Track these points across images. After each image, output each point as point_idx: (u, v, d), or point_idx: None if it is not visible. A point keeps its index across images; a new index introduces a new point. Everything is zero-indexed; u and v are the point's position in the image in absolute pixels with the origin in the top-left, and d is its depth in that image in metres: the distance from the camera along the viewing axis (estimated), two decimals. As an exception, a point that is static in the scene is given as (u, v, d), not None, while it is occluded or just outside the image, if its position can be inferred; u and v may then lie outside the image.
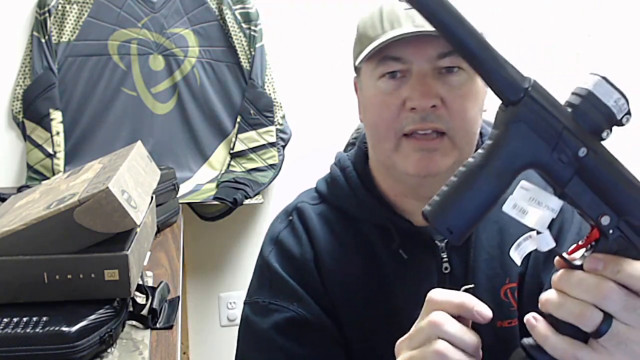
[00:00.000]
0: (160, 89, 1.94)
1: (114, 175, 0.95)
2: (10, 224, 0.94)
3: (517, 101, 0.51)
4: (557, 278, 0.53)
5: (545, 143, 0.51)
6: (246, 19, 1.92)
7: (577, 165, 0.51)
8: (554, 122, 0.51)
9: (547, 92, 0.52)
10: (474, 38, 0.49)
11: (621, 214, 0.51)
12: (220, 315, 2.20)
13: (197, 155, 1.99)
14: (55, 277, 0.93)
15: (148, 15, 1.88)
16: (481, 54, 0.50)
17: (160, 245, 1.45)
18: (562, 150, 0.50)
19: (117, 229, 0.93)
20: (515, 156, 0.51)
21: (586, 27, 2.26)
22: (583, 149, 0.50)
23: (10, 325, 0.87)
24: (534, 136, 0.50)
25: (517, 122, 0.51)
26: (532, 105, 0.50)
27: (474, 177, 0.51)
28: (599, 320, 0.50)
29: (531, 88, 0.51)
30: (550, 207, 0.51)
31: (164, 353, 0.99)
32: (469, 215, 0.52)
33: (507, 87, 0.51)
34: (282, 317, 0.84)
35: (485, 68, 0.50)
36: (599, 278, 0.50)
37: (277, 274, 0.86)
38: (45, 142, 1.82)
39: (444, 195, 0.52)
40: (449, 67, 0.77)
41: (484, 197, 0.51)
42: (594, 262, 0.51)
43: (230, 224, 2.06)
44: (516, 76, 0.51)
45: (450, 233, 0.52)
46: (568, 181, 0.51)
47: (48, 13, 1.78)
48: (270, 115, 1.97)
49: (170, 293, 1.16)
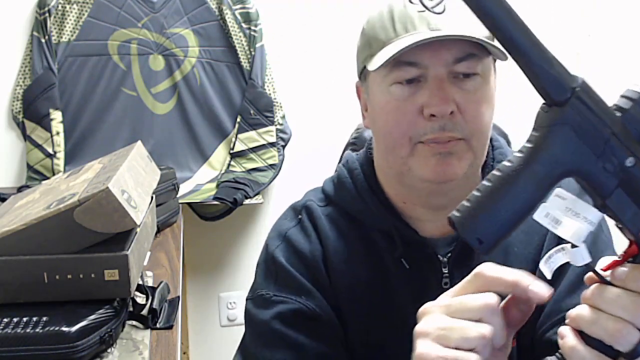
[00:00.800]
0: (160, 89, 1.94)
1: (114, 175, 0.95)
2: (10, 224, 0.94)
3: (563, 102, 0.47)
4: (591, 293, 0.50)
5: (591, 149, 0.47)
6: (246, 19, 1.92)
7: (622, 176, 0.47)
8: (602, 127, 0.47)
9: (596, 93, 0.48)
10: (522, 31, 0.47)
11: None
12: (220, 315, 2.20)
13: (197, 155, 1.99)
14: (55, 277, 0.93)
15: (148, 15, 1.88)
16: (529, 48, 0.47)
17: (160, 245, 1.45)
18: (608, 159, 0.47)
19: (117, 229, 0.93)
20: (557, 162, 0.47)
21: (586, 27, 2.26)
22: (631, 158, 0.47)
23: (10, 325, 0.87)
24: (578, 141, 0.47)
25: (561, 125, 0.47)
26: (579, 107, 0.47)
27: (510, 182, 0.48)
28: (635, 339, 0.47)
29: (579, 88, 0.47)
30: (588, 219, 0.48)
31: (164, 353, 0.99)
32: (502, 224, 0.48)
33: (554, 86, 0.47)
34: (287, 307, 0.82)
35: (532, 64, 0.47)
36: (638, 295, 0.47)
37: (284, 268, 0.85)
38: (45, 142, 1.82)
39: (476, 201, 0.49)
40: (464, 72, 0.76)
41: (520, 205, 0.47)
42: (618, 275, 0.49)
43: (230, 224, 2.06)
44: (564, 74, 0.47)
45: (480, 243, 0.48)
46: (611, 192, 0.47)
47: (48, 13, 1.78)
48: (270, 115, 1.97)
49: (170, 293, 1.16)
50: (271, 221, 0.95)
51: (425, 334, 0.53)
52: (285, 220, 0.91)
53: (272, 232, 0.91)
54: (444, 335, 0.52)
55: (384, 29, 0.78)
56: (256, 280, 0.89)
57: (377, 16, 0.81)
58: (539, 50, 0.47)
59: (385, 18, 0.79)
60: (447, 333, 0.52)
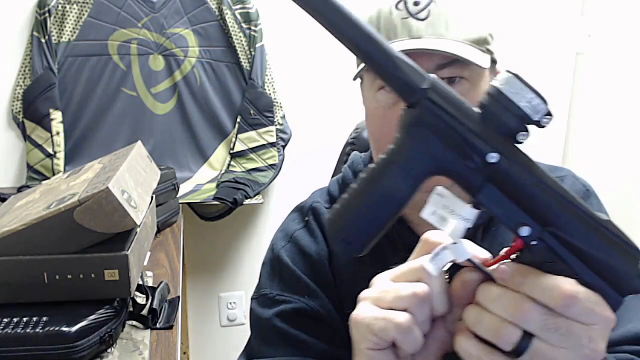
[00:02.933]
0: (160, 89, 1.94)
1: (114, 175, 0.95)
2: (10, 224, 0.94)
3: (414, 103, 0.47)
4: (477, 291, 0.49)
5: (450, 148, 0.46)
6: (246, 19, 1.92)
7: (487, 172, 0.46)
8: (457, 125, 0.46)
9: (451, 92, 0.48)
10: (364, 35, 0.46)
11: (544, 224, 0.47)
12: (220, 315, 2.20)
13: (197, 155, 1.99)
14: (55, 277, 0.93)
15: (148, 15, 1.88)
16: (373, 52, 0.46)
17: (160, 245, 1.45)
18: (469, 156, 0.46)
19: (117, 229, 0.93)
20: (417, 162, 0.47)
21: (586, 27, 2.26)
22: (493, 154, 0.46)
23: (10, 325, 0.87)
24: (436, 141, 0.47)
25: (416, 126, 0.47)
26: (431, 108, 0.47)
27: (373, 183, 0.48)
28: (516, 338, 0.46)
29: (430, 89, 0.47)
30: (463, 216, 0.47)
31: (164, 353, 0.99)
32: (367, 225, 0.48)
33: (403, 88, 0.47)
34: (289, 307, 0.83)
35: (378, 67, 0.47)
36: (518, 294, 0.46)
37: (289, 268, 0.85)
38: (45, 142, 1.82)
39: (342, 203, 0.49)
40: (449, 77, 0.75)
41: (384, 205, 0.48)
42: (500, 272, 0.48)
43: (230, 224, 2.06)
44: (413, 75, 0.47)
45: (348, 244, 0.48)
46: (479, 189, 0.47)
47: (48, 13, 1.78)
48: (270, 115, 1.97)
49: (170, 293, 1.16)
50: (271, 221, 0.96)
51: (364, 298, 0.54)
52: (292, 222, 0.91)
53: (279, 232, 0.92)
54: (379, 297, 0.53)
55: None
56: (261, 280, 0.90)
57: (367, 21, 0.81)
58: (382, 52, 0.46)
59: (372, 24, 0.79)
60: (383, 294, 0.52)
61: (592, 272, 0.47)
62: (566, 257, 0.47)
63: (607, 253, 0.47)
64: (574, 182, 0.89)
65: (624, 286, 0.47)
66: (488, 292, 0.48)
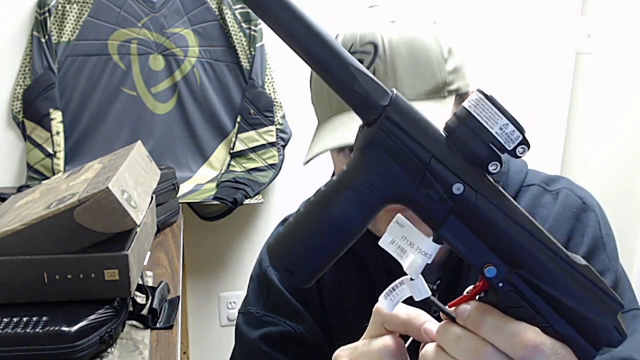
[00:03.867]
0: (160, 88, 1.94)
1: (114, 175, 0.95)
2: (10, 223, 0.94)
3: (372, 122, 0.41)
4: (437, 330, 0.46)
5: (409, 175, 0.41)
6: (246, 18, 1.92)
7: (452, 204, 0.41)
8: (419, 149, 0.41)
9: (413, 110, 0.42)
10: (317, 41, 0.40)
11: (513, 266, 0.42)
12: (220, 315, 2.20)
13: (197, 155, 1.99)
14: (55, 277, 0.93)
15: (148, 15, 1.88)
16: (326, 61, 0.40)
17: (160, 245, 1.45)
18: (431, 185, 0.41)
19: (117, 229, 0.93)
20: (372, 188, 0.42)
21: (586, 27, 2.26)
22: (459, 184, 0.41)
23: (10, 325, 0.87)
24: (394, 165, 0.41)
25: (373, 147, 0.41)
26: (389, 128, 0.41)
27: (322, 209, 0.42)
28: None
29: (390, 106, 0.41)
30: (422, 250, 0.43)
31: (164, 353, 0.99)
32: (313, 254, 0.43)
33: (360, 105, 0.41)
34: (275, 329, 0.82)
35: (334, 79, 0.41)
36: (479, 338, 0.43)
37: (276, 288, 0.84)
38: (45, 142, 1.82)
39: (287, 227, 0.44)
40: None
41: (333, 234, 0.42)
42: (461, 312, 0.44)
43: (230, 224, 2.06)
44: (371, 90, 0.41)
45: (290, 274, 0.43)
46: (442, 222, 0.42)
47: (48, 13, 1.78)
48: (270, 115, 1.97)
49: (170, 293, 1.16)
50: (271, 221, 0.96)
51: None
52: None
53: (266, 246, 0.91)
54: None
55: (322, 100, 0.75)
56: (248, 295, 0.89)
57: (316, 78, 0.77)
58: (340, 64, 0.41)
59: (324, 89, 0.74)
60: None
61: (563, 322, 0.43)
62: (535, 303, 0.42)
63: (582, 302, 0.42)
64: (568, 196, 0.83)
65: (599, 339, 0.43)
66: (447, 332, 0.45)
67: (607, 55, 2.24)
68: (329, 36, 0.41)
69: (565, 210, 0.81)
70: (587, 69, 2.30)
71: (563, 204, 0.82)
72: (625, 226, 2.14)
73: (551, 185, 0.84)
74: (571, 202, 0.83)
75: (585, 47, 2.27)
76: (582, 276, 0.42)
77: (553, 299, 0.42)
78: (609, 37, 2.24)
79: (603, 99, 2.28)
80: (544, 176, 0.86)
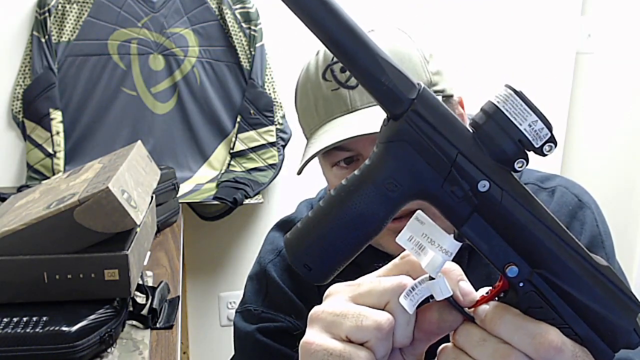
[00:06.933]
0: (160, 88, 1.94)
1: (114, 175, 0.95)
2: (10, 223, 0.94)
3: (398, 115, 0.41)
4: (457, 332, 0.44)
5: (435, 171, 0.40)
6: (246, 18, 1.92)
7: (477, 202, 0.40)
8: (446, 145, 0.40)
9: (441, 104, 0.41)
10: (347, 33, 0.39)
11: (535, 266, 0.41)
12: (220, 315, 2.20)
13: (197, 155, 1.99)
14: (55, 277, 0.93)
15: (148, 15, 1.88)
16: (355, 52, 0.39)
17: (160, 245, 1.45)
18: (456, 182, 0.40)
19: (117, 229, 0.93)
20: (395, 183, 0.41)
21: (586, 27, 2.26)
22: (484, 181, 0.40)
23: (10, 325, 0.87)
24: (419, 161, 0.40)
25: (398, 142, 0.40)
26: (416, 122, 0.40)
27: (342, 204, 0.41)
28: None
29: (417, 99, 0.40)
30: (444, 248, 0.41)
31: (164, 353, 0.99)
32: (332, 250, 0.42)
33: (387, 97, 0.40)
34: (273, 325, 0.82)
35: (361, 71, 0.40)
36: (505, 343, 0.41)
37: (276, 284, 0.84)
38: (45, 141, 1.82)
39: (306, 222, 0.43)
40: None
41: (353, 230, 0.41)
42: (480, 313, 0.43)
43: (230, 224, 2.06)
44: (399, 83, 0.40)
45: (308, 270, 0.42)
46: (465, 220, 0.41)
47: (48, 13, 1.78)
48: (270, 114, 1.97)
49: (170, 293, 1.16)
50: (271, 221, 0.96)
51: (317, 319, 0.46)
52: (279, 235, 0.90)
53: (267, 245, 0.90)
54: (335, 322, 0.44)
55: (309, 113, 0.75)
56: (246, 294, 0.89)
57: (301, 93, 0.77)
58: (368, 55, 0.40)
59: (310, 101, 0.74)
60: (339, 320, 0.44)
61: (583, 323, 0.42)
62: (556, 304, 0.42)
63: (603, 304, 0.42)
64: (564, 194, 0.83)
65: (617, 340, 0.43)
66: (470, 335, 0.43)
67: (607, 55, 2.24)
68: (356, 25, 0.40)
69: (561, 208, 0.81)
70: (587, 69, 2.30)
71: (559, 201, 0.82)
72: (625, 226, 2.14)
73: (546, 183, 0.84)
74: (567, 200, 0.82)
75: (585, 47, 2.27)
76: (604, 277, 0.42)
77: (574, 300, 0.42)
78: (609, 37, 2.24)
79: (603, 98, 2.28)
80: (539, 175, 0.85)
